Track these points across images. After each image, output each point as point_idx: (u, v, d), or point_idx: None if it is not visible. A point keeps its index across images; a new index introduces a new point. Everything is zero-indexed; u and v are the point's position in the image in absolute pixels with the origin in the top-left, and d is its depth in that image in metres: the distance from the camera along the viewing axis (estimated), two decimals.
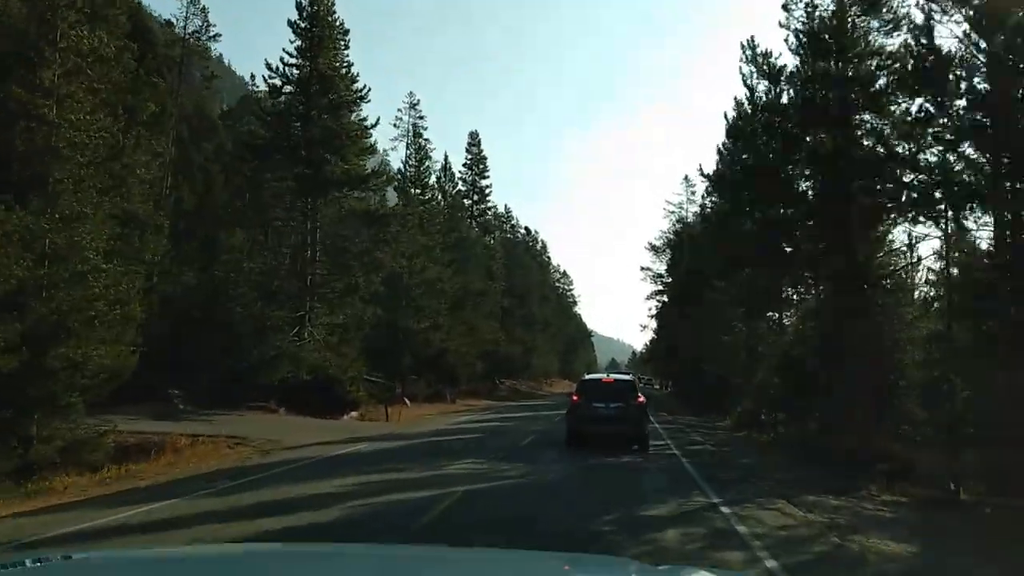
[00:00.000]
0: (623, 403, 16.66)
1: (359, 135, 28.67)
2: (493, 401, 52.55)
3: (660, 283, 65.99)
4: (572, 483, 12.39)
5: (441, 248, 40.45)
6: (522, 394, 69.01)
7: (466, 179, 52.12)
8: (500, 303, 53.81)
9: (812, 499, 11.79)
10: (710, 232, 30.70)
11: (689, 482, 12.67)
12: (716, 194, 29.35)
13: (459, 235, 45.28)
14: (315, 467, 13.80)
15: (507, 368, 73.78)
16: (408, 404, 37.85)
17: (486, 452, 16.06)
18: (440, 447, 17.60)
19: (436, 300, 39.55)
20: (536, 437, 20.45)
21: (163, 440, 17.77)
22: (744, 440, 23.99)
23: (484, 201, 52.90)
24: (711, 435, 24.77)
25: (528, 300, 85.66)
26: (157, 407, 25.07)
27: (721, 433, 26.30)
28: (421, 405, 39.14)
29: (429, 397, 42.35)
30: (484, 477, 12.33)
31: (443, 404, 42.43)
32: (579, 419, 16.94)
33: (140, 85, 17.76)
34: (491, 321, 54.62)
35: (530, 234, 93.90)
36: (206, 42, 43.83)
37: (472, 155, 52.15)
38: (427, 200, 40.88)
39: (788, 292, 23.99)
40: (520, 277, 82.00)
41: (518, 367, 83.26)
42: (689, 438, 22.33)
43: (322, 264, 30.37)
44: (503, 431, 23.33)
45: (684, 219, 65.09)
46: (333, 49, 28.75)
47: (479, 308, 48.65)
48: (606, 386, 17.60)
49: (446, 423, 27.37)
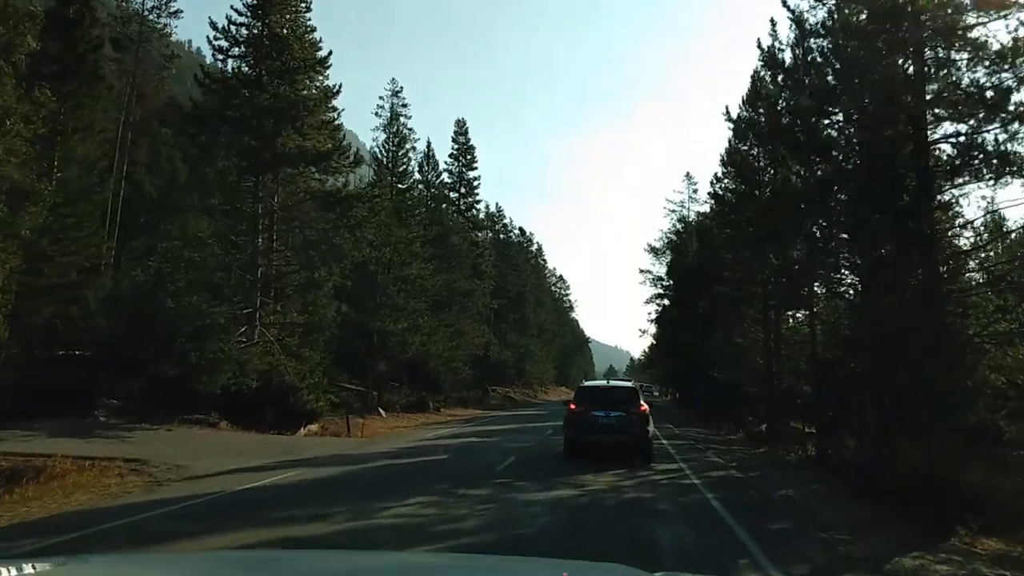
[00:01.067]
0: (624, 412, 15.57)
1: (318, 106, 24.80)
2: (482, 410, 48.55)
3: (660, 286, 64.03)
4: (554, 538, 8.46)
5: (422, 242, 36.56)
6: (515, 402, 64.96)
7: (452, 170, 48.18)
8: (490, 304, 49.83)
9: (909, 564, 7.99)
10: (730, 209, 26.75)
11: (725, 535, 8.76)
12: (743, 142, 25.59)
13: (442, 229, 41.33)
14: (198, 512, 9.87)
15: (499, 375, 69.81)
16: (383, 415, 33.93)
17: (446, 482, 12.17)
18: (390, 475, 13.66)
19: (416, 299, 35.66)
20: (518, 458, 16.55)
21: (45, 464, 14.11)
22: (768, 459, 20.09)
23: (472, 194, 48.86)
24: (728, 453, 20.87)
25: (522, 303, 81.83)
26: (76, 421, 21.33)
27: (739, 450, 22.38)
28: (398, 415, 35.18)
29: (409, 406, 38.41)
30: (425, 532, 8.40)
31: (425, 414, 38.47)
32: (577, 429, 15.81)
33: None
34: (480, 324, 50.74)
35: (524, 235, 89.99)
36: (166, 20, 40.18)
37: (459, 144, 48.24)
38: (407, 189, 36.98)
39: (820, 283, 20.08)
40: (513, 279, 78.23)
41: (511, 374, 79.31)
42: (705, 458, 18.42)
43: (278, 255, 26.49)
44: (480, 449, 19.40)
45: (685, 218, 62.59)
46: (289, 7, 24.93)
47: (466, 309, 44.72)
48: (606, 393, 16.73)
49: (418, 438, 23.43)
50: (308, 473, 13.59)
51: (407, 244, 34.85)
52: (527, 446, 19.97)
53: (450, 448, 19.20)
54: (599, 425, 15.44)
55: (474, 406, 50.63)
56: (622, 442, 15.45)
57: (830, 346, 21.12)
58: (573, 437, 15.97)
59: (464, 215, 48.17)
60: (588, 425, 15.53)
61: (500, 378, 71.89)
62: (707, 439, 26.48)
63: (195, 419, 22.95)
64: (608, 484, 12.50)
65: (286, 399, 24.83)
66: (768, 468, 17.71)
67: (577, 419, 15.79)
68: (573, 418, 15.95)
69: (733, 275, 26.82)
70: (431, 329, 36.88)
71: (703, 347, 36.44)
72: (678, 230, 61.12)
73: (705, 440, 25.56)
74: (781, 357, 25.42)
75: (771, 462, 19.40)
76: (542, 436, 23.68)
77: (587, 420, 15.57)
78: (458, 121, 48.10)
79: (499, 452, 17.79)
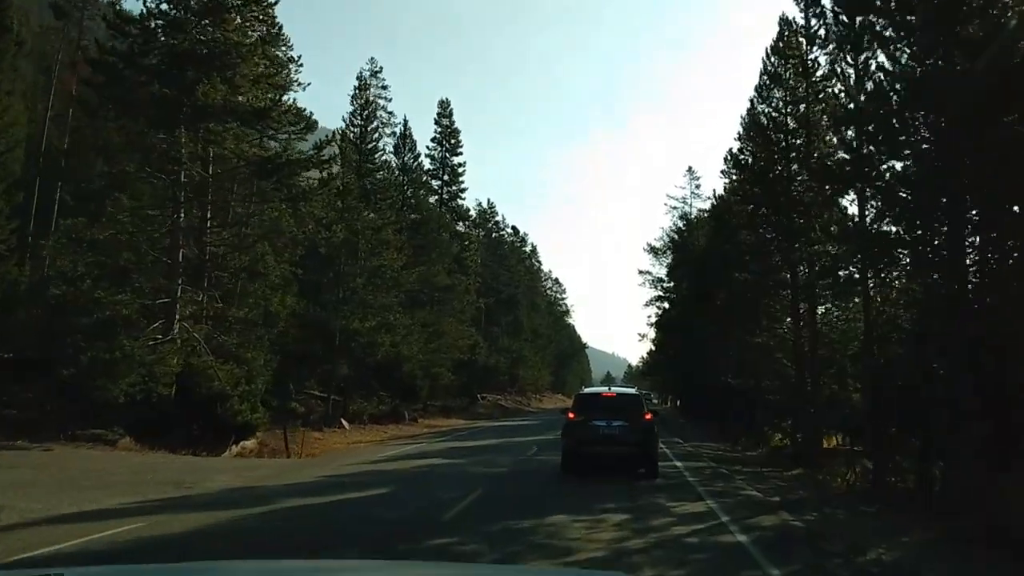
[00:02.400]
0: (627, 421, 14.29)
1: (254, 52, 20.32)
2: (467, 420, 43.93)
3: (660, 288, 58.89)
4: None
5: (395, 229, 32.04)
6: (506, 411, 60.28)
7: (435, 155, 43.54)
8: (476, 303, 45.25)
9: None
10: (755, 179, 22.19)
11: None
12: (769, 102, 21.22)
13: (420, 216, 36.76)
14: None
15: (489, 381, 65.21)
16: (346, 426, 29.36)
17: (351, 544, 7.72)
18: (273, 530, 9.03)
19: (386, 293, 31.14)
20: (484, 492, 12.05)
21: None
22: (813, 488, 15.59)
23: (457, 182, 44.11)
24: (760, 479, 16.30)
25: (515, 306, 77.23)
26: None
27: (769, 474, 17.81)
28: (365, 427, 30.61)
29: (381, 417, 33.83)
30: None
31: (398, 425, 33.91)
32: (576, 440, 14.53)
33: None
34: (466, 325, 46.11)
35: (517, 234, 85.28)
36: None
37: (442, 128, 43.61)
38: (377, 168, 32.46)
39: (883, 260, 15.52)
40: (506, 279, 73.71)
41: (504, 380, 74.68)
42: (736, 490, 13.84)
43: (214, 235, 21.98)
44: (439, 476, 14.80)
45: (688, 215, 59.41)
46: None
47: (447, 307, 40.12)
48: (607, 401, 15.21)
49: (371, 458, 18.85)
50: (155, 526, 9.00)
51: (376, 231, 30.33)
52: (501, 471, 15.43)
53: (401, 476, 14.60)
54: (600, 436, 14.15)
55: (459, 415, 46.01)
56: (625, 454, 14.32)
57: (888, 341, 16.62)
58: (571, 449, 14.51)
59: (447, 204, 43.57)
60: (588, 436, 14.21)
61: (490, 385, 67.25)
62: (725, 457, 21.94)
63: (91, 435, 18.44)
64: (606, 547, 7.97)
65: (214, 410, 20.32)
66: (822, 504, 13.16)
67: (576, 429, 14.42)
68: (572, 428, 14.53)
69: (756, 261, 22.28)
70: (405, 328, 32.30)
71: (715, 349, 31.96)
72: (679, 228, 57.85)
73: (724, 459, 21.02)
74: (816, 359, 20.89)
75: (819, 493, 14.87)
76: (525, 456, 19.15)
77: (587, 430, 14.23)
78: (441, 102, 43.63)
79: (461, 483, 13.25)
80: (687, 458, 19.81)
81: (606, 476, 13.90)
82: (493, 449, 21.60)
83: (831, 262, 18.22)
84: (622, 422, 14.18)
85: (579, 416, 14.54)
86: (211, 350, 21.55)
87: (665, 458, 19.26)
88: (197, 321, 22.02)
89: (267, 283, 23.43)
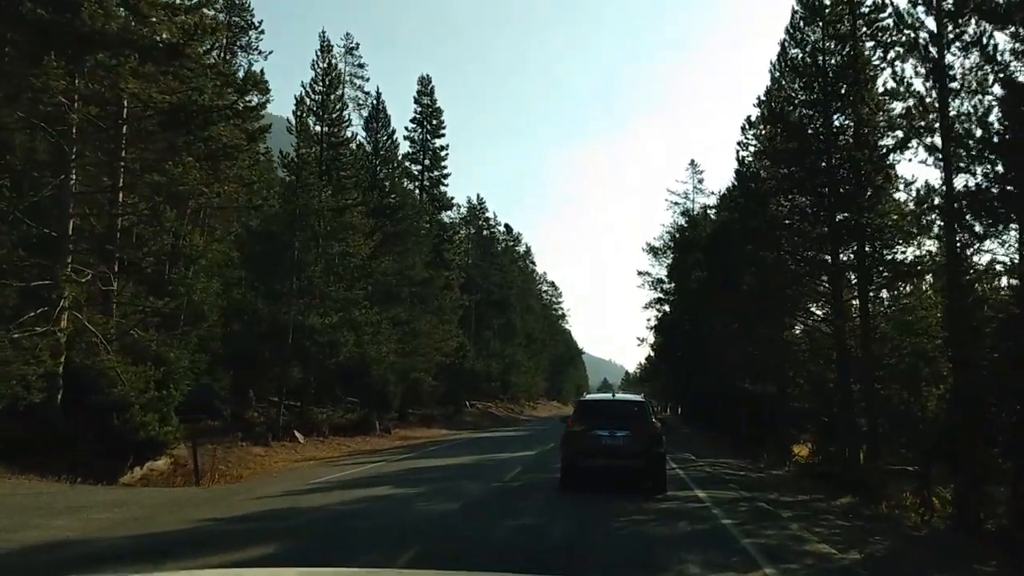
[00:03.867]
0: (632, 430, 13.00)
1: None
2: (450, 431, 39.62)
3: (660, 289, 55.86)
4: None
5: (362, 213, 27.87)
6: (496, 420, 55.94)
7: (414, 137, 39.24)
8: (461, 301, 41.02)
9: None
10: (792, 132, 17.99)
11: None
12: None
13: (394, 201, 32.53)
14: None
15: (479, 387, 60.99)
16: (300, 440, 25.12)
17: None
18: None
19: (351, 285, 26.96)
20: (418, 552, 7.88)
21: None
22: (890, 529, 11.44)
23: (439, 167, 39.72)
24: (811, 514, 12.15)
25: (507, 307, 73.01)
26: None
27: (821, 508, 13.62)
28: (326, 441, 26.35)
29: (348, 427, 29.58)
30: None
31: (367, 437, 29.64)
32: (576, 451, 13.22)
33: None
34: (451, 325, 41.80)
35: (511, 233, 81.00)
36: None
37: (423, 107, 39.37)
38: (341, 142, 28.28)
39: None
40: (498, 280, 69.58)
41: (495, 387, 70.36)
42: (793, 538, 9.62)
43: (127, 205, 17.79)
44: (365, 522, 10.37)
45: (690, 211, 57.10)
46: None
47: (427, 304, 35.88)
48: (611, 408, 14.23)
49: (302, 485, 14.57)
50: None
51: (338, 212, 26.15)
52: (455, 509, 11.19)
53: (311, 521, 10.29)
54: (603, 447, 13.07)
55: (442, 425, 41.70)
56: (629, 467, 13.22)
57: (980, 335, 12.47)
58: (571, 461, 13.42)
59: (429, 192, 39.28)
60: (589, 447, 13.12)
61: (480, 391, 62.97)
62: (752, 480, 17.76)
63: None
64: None
65: (111, 422, 16.08)
66: (927, 566, 9.00)
67: (576, 439, 13.34)
68: (571, 438, 13.45)
69: (789, 238, 18.11)
70: (373, 326, 28.08)
71: (725, 349, 27.81)
72: (681, 226, 55.02)
73: (752, 483, 16.82)
74: (870, 356, 16.70)
75: (902, 540, 10.68)
76: (501, 481, 14.97)
77: (588, 440, 13.14)
78: (422, 78, 39.39)
79: (391, 535, 9.03)
80: (709, 484, 15.62)
81: (609, 513, 9.73)
82: (465, 470, 17.37)
83: (895, 232, 14.07)
84: (626, 432, 13.01)
85: (579, 425, 13.41)
86: (128, 348, 17.42)
87: (681, 484, 15.08)
88: (104, 313, 17.85)
89: (198, 267, 19.28)
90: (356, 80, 40.35)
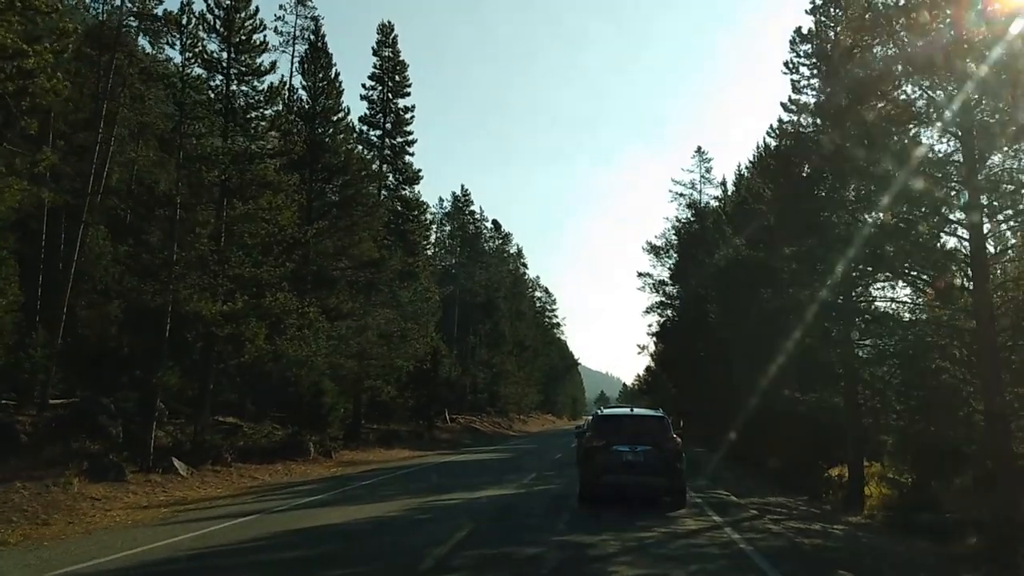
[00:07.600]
0: (653, 446, 12.79)
1: None
2: (416, 452, 32.56)
3: (663, 292, 51.31)
4: None
5: (280, 166, 21.09)
6: (480, 436, 48.83)
7: (372, 97, 32.42)
8: (429, 293, 34.04)
9: None
10: None
11: None
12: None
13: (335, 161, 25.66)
14: None
15: (459, 399, 54.13)
16: (181, 472, 18.19)
17: None
18: None
19: (259, 258, 20.15)
20: None
21: None
22: None
23: (402, 132, 32.77)
24: None
25: (494, 311, 66.16)
26: None
27: None
28: (229, 470, 19.33)
29: (273, 451, 22.69)
30: None
31: (293, 464, 22.66)
32: (596, 469, 13.09)
33: None
34: (423, 324, 34.73)
35: (499, 231, 74.10)
36: None
37: (383, 59, 32.63)
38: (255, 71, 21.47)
39: None
40: (483, 280, 62.88)
41: (481, 399, 63.47)
42: None
43: None
44: None
45: (697, 202, 52.01)
46: None
47: (379, 294, 28.95)
48: (630, 424, 13.70)
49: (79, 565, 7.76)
50: None
51: (247, 160, 19.41)
52: None
53: None
54: (623, 463, 12.66)
55: (407, 445, 34.67)
56: (651, 484, 12.78)
57: None
58: (591, 479, 13.14)
59: (392, 162, 32.37)
60: (609, 463, 12.76)
61: (462, 404, 56.06)
62: (834, 539, 10.89)
63: None
64: None
65: None
66: None
67: (595, 456, 13.01)
68: (590, 454, 13.18)
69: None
70: (298, 317, 21.22)
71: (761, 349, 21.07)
72: (688, 218, 48.85)
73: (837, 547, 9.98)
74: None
75: None
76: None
77: (608, 457, 12.76)
78: (382, 27, 32.60)
79: None
80: (779, 557, 8.73)
81: None
82: (363, 541, 10.44)
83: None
84: (647, 448, 12.68)
85: (597, 441, 13.14)
86: None
87: (738, 552, 8.28)
88: None
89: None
90: (307, 33, 33.88)
